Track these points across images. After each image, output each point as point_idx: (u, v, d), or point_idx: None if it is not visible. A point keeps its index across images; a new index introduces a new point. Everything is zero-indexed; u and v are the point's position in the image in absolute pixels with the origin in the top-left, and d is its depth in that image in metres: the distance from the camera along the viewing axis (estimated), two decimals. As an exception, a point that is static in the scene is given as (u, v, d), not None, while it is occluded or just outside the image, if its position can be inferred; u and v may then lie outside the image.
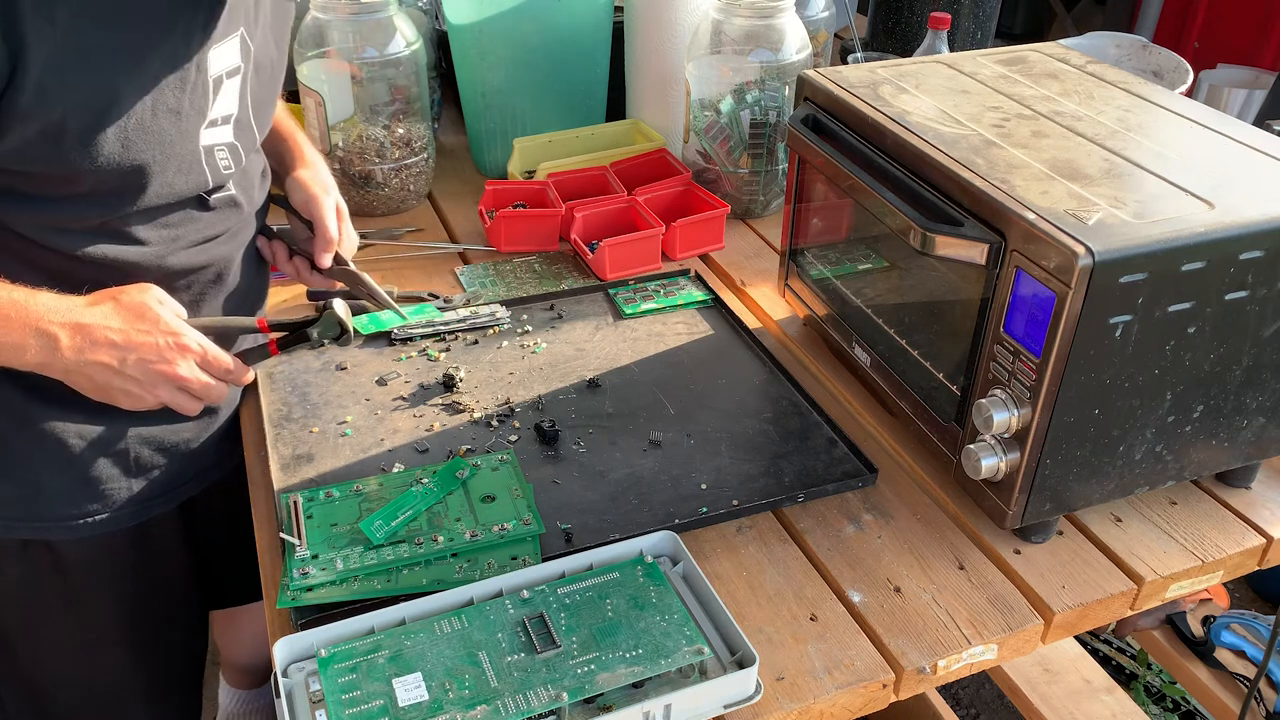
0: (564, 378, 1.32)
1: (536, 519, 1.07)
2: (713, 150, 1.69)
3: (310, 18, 1.61)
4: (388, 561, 1.01)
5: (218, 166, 1.12)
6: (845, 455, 1.20)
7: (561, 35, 1.75)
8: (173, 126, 1.03)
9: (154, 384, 1.03)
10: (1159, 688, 2.20)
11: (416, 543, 1.03)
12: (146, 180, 1.03)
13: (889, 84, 1.26)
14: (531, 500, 1.10)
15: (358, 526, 1.05)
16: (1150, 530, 1.12)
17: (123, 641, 1.32)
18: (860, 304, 1.27)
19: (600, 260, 1.53)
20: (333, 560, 1.01)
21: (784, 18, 1.62)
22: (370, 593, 0.99)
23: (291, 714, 0.86)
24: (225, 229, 1.18)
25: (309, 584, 0.99)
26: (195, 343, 1.06)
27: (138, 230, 1.08)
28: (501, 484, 1.11)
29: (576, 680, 0.88)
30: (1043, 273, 0.93)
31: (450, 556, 1.03)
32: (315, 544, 1.03)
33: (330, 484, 1.12)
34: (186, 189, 1.09)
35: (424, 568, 1.02)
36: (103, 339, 1.00)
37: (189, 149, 1.07)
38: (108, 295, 1.04)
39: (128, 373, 1.01)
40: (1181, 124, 1.16)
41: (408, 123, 1.69)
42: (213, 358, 1.08)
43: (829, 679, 0.95)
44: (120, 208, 1.04)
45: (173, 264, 1.12)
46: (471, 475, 1.12)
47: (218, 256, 1.19)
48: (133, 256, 1.08)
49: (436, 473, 1.12)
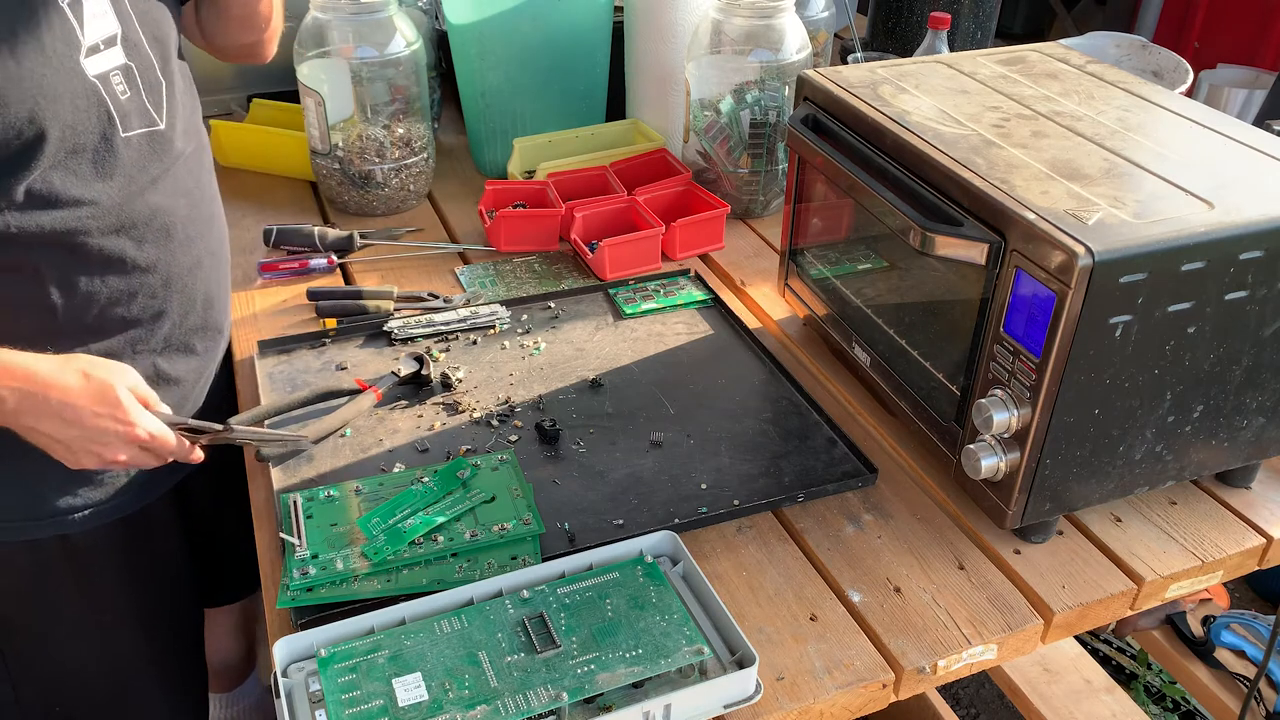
0: (564, 378, 1.32)
1: (536, 519, 1.07)
2: (713, 150, 1.69)
3: (310, 18, 1.61)
4: (388, 562, 1.01)
5: (117, 94, 1.05)
6: (845, 455, 1.20)
7: (561, 35, 1.75)
8: (43, 65, 0.97)
9: (89, 459, 1.00)
10: (1159, 688, 2.20)
11: (416, 542, 1.03)
12: (43, 127, 0.98)
13: (889, 84, 1.26)
14: (531, 500, 1.10)
15: (356, 525, 1.05)
16: (1150, 530, 1.12)
17: (131, 623, 1.33)
18: (860, 304, 1.27)
19: (600, 260, 1.53)
20: (332, 560, 1.01)
21: (784, 18, 1.62)
22: (370, 593, 0.99)
23: (291, 714, 0.86)
24: (160, 170, 1.12)
25: (309, 584, 0.99)
26: (145, 431, 1.01)
27: (66, 189, 1.03)
28: (501, 484, 1.11)
29: (576, 680, 0.88)
30: (1043, 273, 0.93)
31: (450, 556, 1.03)
32: (315, 544, 1.03)
33: (330, 484, 1.12)
34: (91, 127, 1.03)
35: (424, 568, 1.02)
36: (53, 411, 0.97)
37: (75, 83, 1.01)
38: (81, 365, 1.00)
39: (67, 442, 0.98)
40: (1181, 124, 1.16)
41: (408, 123, 1.69)
42: (159, 443, 1.03)
43: (829, 679, 0.95)
44: (32, 164, 0.99)
45: (115, 221, 1.07)
46: (472, 475, 1.12)
47: (159, 206, 1.12)
48: (71, 222, 1.04)
49: (437, 472, 1.12)
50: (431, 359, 1.32)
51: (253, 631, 1.84)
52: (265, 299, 1.49)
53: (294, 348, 1.37)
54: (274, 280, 1.53)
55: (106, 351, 1.13)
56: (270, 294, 1.50)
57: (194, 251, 1.20)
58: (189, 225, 1.19)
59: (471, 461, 1.14)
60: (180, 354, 1.23)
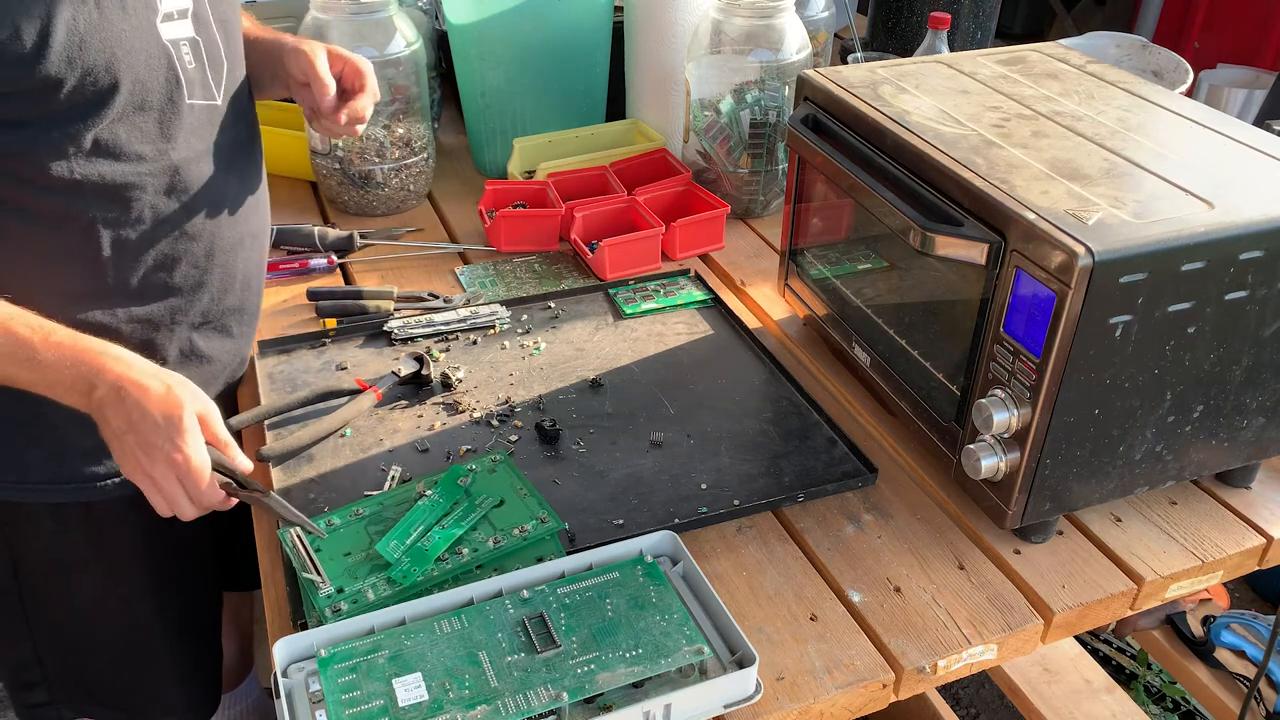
0: (564, 378, 1.32)
1: (553, 515, 1.06)
2: (713, 150, 1.69)
3: (310, 17, 1.61)
4: (417, 584, 0.98)
5: (185, 63, 1.11)
6: (845, 455, 1.20)
7: (561, 35, 1.75)
8: (123, 20, 1.02)
9: (134, 468, 1.00)
10: (1159, 688, 2.20)
11: (441, 559, 1.01)
12: (117, 77, 1.03)
13: (889, 84, 1.26)
14: (540, 497, 1.09)
15: (374, 551, 1.02)
16: (1150, 530, 1.12)
17: (148, 594, 1.35)
18: (860, 304, 1.27)
19: (600, 260, 1.53)
20: (361, 592, 0.98)
21: (784, 18, 1.62)
22: None
23: (291, 714, 0.86)
24: (215, 143, 1.17)
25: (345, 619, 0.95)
26: (184, 459, 0.98)
27: (130, 143, 1.07)
28: (505, 486, 1.10)
29: (576, 680, 0.88)
30: (1043, 273, 0.93)
31: (476, 569, 1.01)
32: (336, 577, 0.99)
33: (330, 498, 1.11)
34: (160, 87, 1.08)
35: (453, 584, 0.99)
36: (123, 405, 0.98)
37: (150, 43, 1.06)
38: (166, 381, 1.00)
39: (123, 443, 0.98)
40: (1181, 124, 1.16)
41: (408, 123, 1.69)
42: (194, 479, 0.99)
43: (829, 679, 0.95)
44: (102, 113, 1.03)
45: (169, 181, 1.11)
46: (474, 481, 1.11)
47: (210, 176, 1.16)
48: (130, 175, 1.08)
49: (437, 484, 1.10)
50: (431, 359, 1.32)
51: (247, 632, 1.83)
52: (265, 299, 1.48)
53: (294, 348, 1.37)
54: (274, 280, 1.53)
55: (147, 317, 1.16)
56: (270, 294, 1.50)
57: (238, 230, 1.23)
58: (237, 203, 1.22)
59: (468, 467, 1.13)
60: (216, 333, 1.24)
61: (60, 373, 0.98)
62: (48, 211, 1.06)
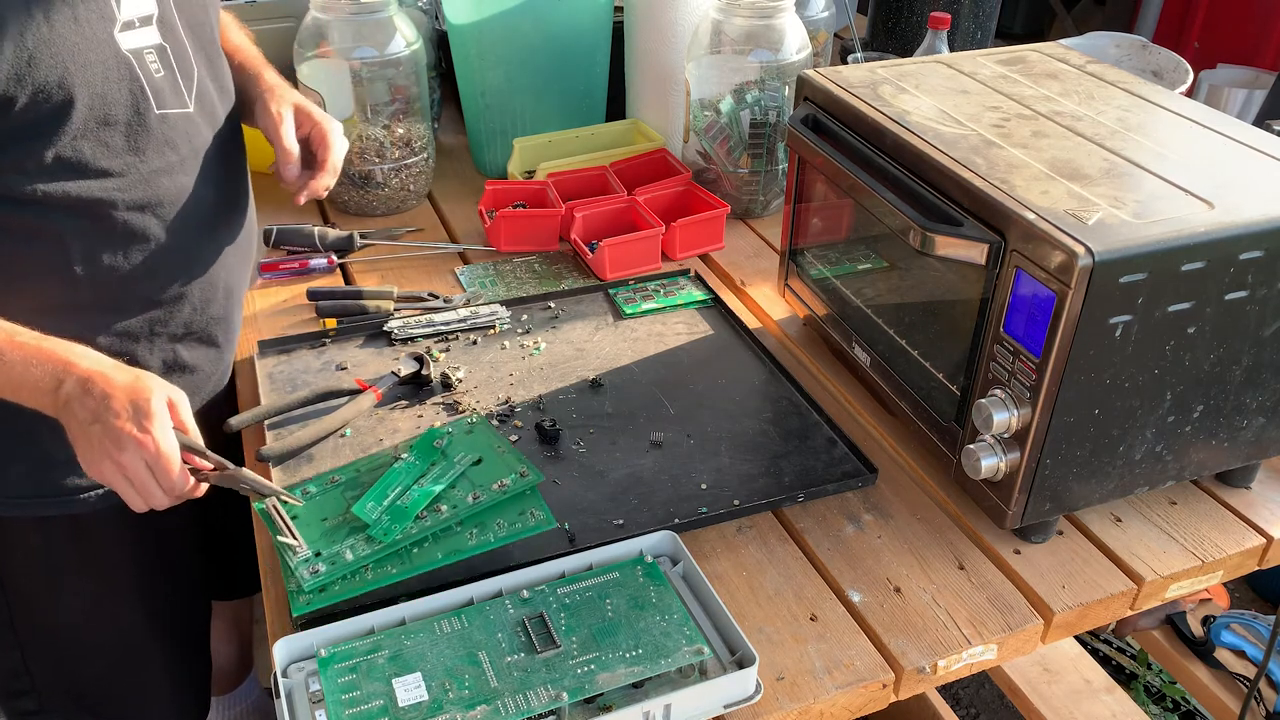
0: (564, 378, 1.32)
1: (532, 469, 1.06)
2: (713, 150, 1.69)
3: (310, 17, 1.61)
4: (397, 542, 0.98)
5: (150, 72, 1.08)
6: (845, 455, 1.20)
7: (561, 35, 1.75)
8: (75, 33, 0.99)
9: (102, 458, 0.98)
10: (1159, 688, 2.20)
11: (420, 517, 1.01)
12: (71, 93, 1.00)
13: (889, 84, 1.26)
14: (519, 454, 1.08)
15: (352, 514, 1.02)
16: (1150, 530, 1.12)
17: (137, 604, 1.35)
18: (860, 304, 1.27)
19: (600, 260, 1.53)
20: (339, 553, 0.98)
21: (784, 18, 1.62)
22: (386, 579, 0.97)
23: (291, 714, 0.86)
24: (190, 153, 1.14)
25: (321, 582, 0.97)
26: (153, 444, 0.97)
27: (95, 159, 1.04)
28: (482, 444, 1.09)
29: (576, 680, 0.88)
30: (1043, 273, 0.93)
31: (457, 525, 1.01)
32: (313, 541, 1.01)
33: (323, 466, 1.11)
34: (123, 100, 1.05)
35: (434, 542, 0.99)
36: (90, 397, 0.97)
37: (107, 55, 1.02)
38: (133, 375, 0.99)
39: (89, 436, 0.97)
40: (1181, 124, 1.16)
41: (408, 123, 1.69)
42: (164, 464, 0.98)
43: (829, 679, 0.95)
44: (60, 130, 1.01)
45: (141, 196, 1.09)
46: (450, 443, 1.10)
47: (186, 188, 1.14)
48: (97, 192, 1.05)
49: (413, 446, 1.10)
50: (431, 359, 1.32)
51: (247, 634, 1.83)
52: (265, 299, 1.49)
53: (294, 348, 1.37)
54: (274, 280, 1.53)
55: (126, 331, 1.14)
56: (270, 294, 1.50)
57: (219, 239, 1.21)
58: (216, 211, 1.20)
59: (445, 430, 1.12)
60: (200, 343, 1.23)
61: (26, 371, 0.97)
62: (16, 227, 1.04)
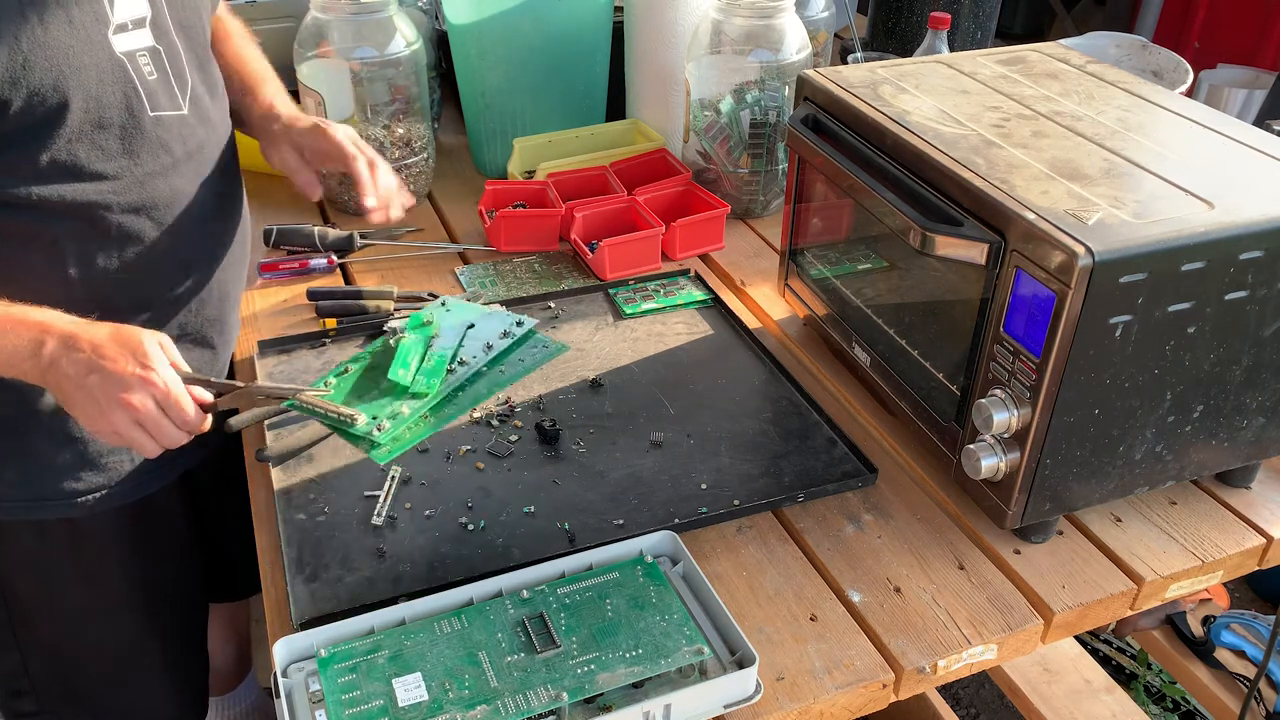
0: (564, 378, 1.32)
1: (526, 321, 1.17)
2: (713, 150, 1.69)
3: (310, 17, 1.61)
4: (440, 396, 1.07)
5: (144, 74, 1.08)
6: (845, 455, 1.20)
7: (561, 35, 1.75)
8: (70, 36, 1.00)
9: (109, 407, 0.97)
10: (1159, 688, 2.20)
11: (449, 370, 1.10)
12: (66, 97, 1.00)
13: (889, 84, 1.26)
14: (502, 311, 1.19)
15: (386, 384, 1.08)
16: (1150, 530, 1.12)
17: (133, 607, 1.35)
18: (860, 304, 1.27)
19: (600, 260, 1.53)
20: (396, 410, 1.05)
21: (784, 18, 1.62)
22: (447, 419, 1.06)
23: (291, 714, 0.86)
24: (184, 155, 1.14)
25: (393, 434, 1.03)
26: (162, 380, 0.97)
27: (90, 162, 1.05)
28: (470, 313, 1.18)
29: (576, 680, 0.88)
30: (1043, 273, 0.93)
31: (485, 368, 1.11)
32: (367, 410, 1.06)
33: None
34: (117, 102, 1.05)
35: (471, 385, 1.10)
36: (79, 351, 0.97)
37: (101, 57, 1.03)
38: (112, 325, 1.00)
39: (88, 388, 0.96)
40: (1181, 124, 1.16)
41: (408, 123, 1.69)
42: (174, 399, 0.98)
43: (829, 679, 0.95)
44: (55, 134, 1.01)
45: (136, 198, 1.09)
46: (438, 319, 1.17)
47: (181, 190, 1.14)
48: (92, 195, 1.05)
49: (406, 327, 1.16)
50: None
51: (245, 635, 1.83)
52: (265, 299, 1.49)
53: (294, 348, 1.37)
54: (274, 280, 1.53)
55: None
56: (270, 294, 1.50)
57: (214, 241, 1.21)
58: (211, 213, 1.20)
59: (423, 315, 1.18)
60: (195, 345, 1.23)
61: (5, 338, 0.97)
62: (11, 230, 1.04)
